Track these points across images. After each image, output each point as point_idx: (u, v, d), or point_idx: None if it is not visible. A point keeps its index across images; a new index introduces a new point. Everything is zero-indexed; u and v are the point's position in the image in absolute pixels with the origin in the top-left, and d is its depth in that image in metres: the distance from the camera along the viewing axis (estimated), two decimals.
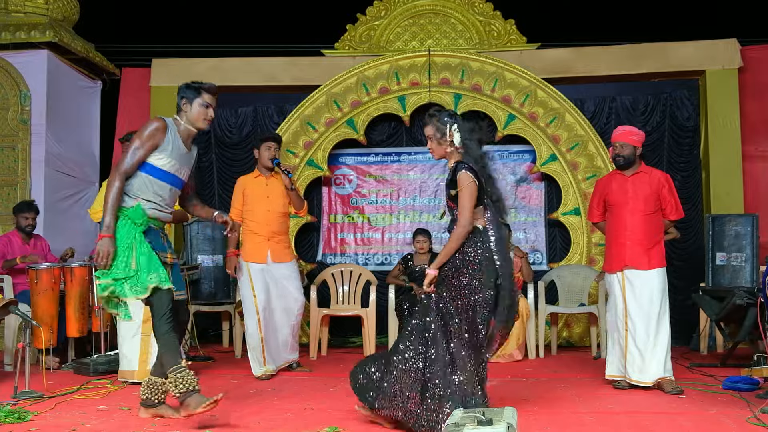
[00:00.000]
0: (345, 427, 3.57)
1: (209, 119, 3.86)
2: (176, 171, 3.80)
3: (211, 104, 3.84)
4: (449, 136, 3.69)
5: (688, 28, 8.03)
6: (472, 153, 3.69)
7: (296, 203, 5.47)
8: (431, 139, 3.76)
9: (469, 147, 3.69)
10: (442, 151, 3.76)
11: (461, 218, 3.58)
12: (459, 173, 3.61)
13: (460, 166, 3.64)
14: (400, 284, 6.65)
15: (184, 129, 3.81)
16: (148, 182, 3.71)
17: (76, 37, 7.56)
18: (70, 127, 7.59)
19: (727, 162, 7.24)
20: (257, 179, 5.44)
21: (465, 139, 3.69)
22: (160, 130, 3.68)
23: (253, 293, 5.27)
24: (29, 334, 4.61)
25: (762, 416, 3.69)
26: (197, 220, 7.05)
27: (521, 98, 7.40)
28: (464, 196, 3.57)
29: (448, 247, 3.60)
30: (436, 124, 3.72)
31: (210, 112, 3.84)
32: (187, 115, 3.81)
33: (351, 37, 7.90)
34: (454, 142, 3.68)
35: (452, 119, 3.72)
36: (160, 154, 3.70)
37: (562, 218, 7.34)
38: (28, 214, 6.20)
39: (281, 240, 5.42)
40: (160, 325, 3.66)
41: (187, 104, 3.80)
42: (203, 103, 3.80)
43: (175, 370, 3.59)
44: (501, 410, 3.13)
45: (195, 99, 3.79)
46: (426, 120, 3.79)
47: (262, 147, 5.41)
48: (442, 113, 3.75)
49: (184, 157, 3.83)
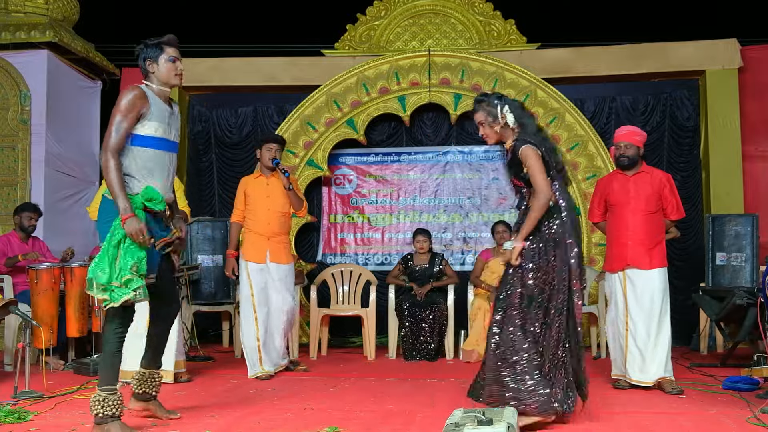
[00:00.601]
0: (345, 427, 3.56)
1: (180, 73, 3.59)
2: (167, 135, 3.55)
3: (177, 57, 3.58)
4: (501, 118, 3.64)
5: (688, 28, 8.03)
6: (528, 129, 3.64)
7: (295, 203, 5.47)
8: (482, 124, 3.70)
9: (525, 124, 3.65)
10: (496, 136, 3.71)
11: (537, 187, 3.52)
12: (520, 150, 3.56)
13: (518, 143, 3.59)
14: (400, 284, 6.65)
15: (159, 91, 3.55)
16: (147, 157, 3.46)
17: (76, 37, 7.56)
18: (70, 127, 7.59)
19: (727, 162, 7.24)
20: (258, 179, 5.47)
21: (518, 117, 3.64)
22: (140, 97, 3.42)
23: (251, 293, 5.28)
24: (29, 334, 4.61)
25: (762, 416, 3.69)
26: (197, 220, 7.06)
27: (521, 98, 7.38)
28: (533, 166, 3.52)
29: (531, 217, 3.54)
30: (486, 109, 3.67)
31: (179, 65, 3.57)
32: (156, 76, 3.55)
33: (351, 37, 7.90)
34: (508, 123, 3.63)
35: (501, 101, 3.66)
36: (147, 121, 3.45)
37: None
38: (32, 215, 6.22)
39: (281, 240, 5.43)
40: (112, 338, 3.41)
41: (152, 64, 3.55)
42: (169, 58, 3.55)
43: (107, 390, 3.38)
44: (501, 410, 3.13)
45: (160, 56, 3.54)
46: (474, 107, 3.74)
47: (264, 148, 5.45)
48: (490, 97, 3.70)
49: (169, 118, 3.57)
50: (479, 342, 6.15)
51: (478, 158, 7.84)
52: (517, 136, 3.64)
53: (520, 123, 3.64)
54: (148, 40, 3.58)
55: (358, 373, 5.53)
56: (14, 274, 6.01)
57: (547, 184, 3.52)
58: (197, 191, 7.96)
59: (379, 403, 4.29)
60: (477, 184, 7.82)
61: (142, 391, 3.75)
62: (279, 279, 5.36)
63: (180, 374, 5.02)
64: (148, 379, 3.75)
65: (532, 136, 3.61)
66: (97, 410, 3.36)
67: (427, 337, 6.24)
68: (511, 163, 3.66)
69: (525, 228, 3.56)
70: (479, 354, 6.12)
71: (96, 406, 3.36)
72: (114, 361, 3.45)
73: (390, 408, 4.10)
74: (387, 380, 5.18)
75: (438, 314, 6.26)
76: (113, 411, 3.36)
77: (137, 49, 3.61)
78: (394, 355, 6.37)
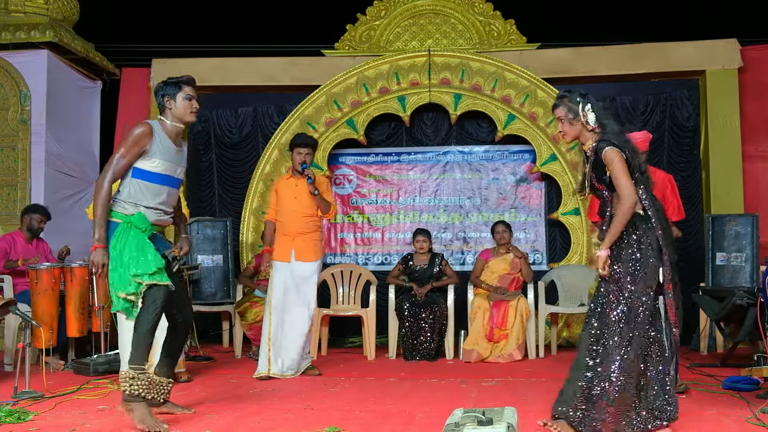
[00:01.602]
0: (345, 427, 3.56)
1: (195, 111, 3.85)
2: (170, 171, 3.78)
3: (194, 96, 3.83)
4: (583, 116, 3.54)
5: (688, 28, 8.04)
6: (610, 130, 3.52)
7: (322, 207, 5.53)
8: (562, 120, 3.61)
9: (606, 125, 3.53)
10: (574, 133, 3.60)
11: (622, 191, 3.36)
12: (604, 152, 3.42)
13: (601, 145, 3.46)
14: (400, 284, 6.65)
15: (172, 127, 3.79)
16: (144, 188, 3.70)
17: (76, 37, 7.56)
18: (70, 127, 7.59)
19: (727, 162, 7.24)
20: (288, 180, 5.54)
21: (600, 117, 3.53)
22: (146, 135, 3.66)
23: (272, 292, 5.36)
24: (29, 334, 4.61)
25: (762, 416, 3.69)
26: (197, 220, 7.06)
27: (521, 98, 7.40)
28: (617, 169, 3.37)
29: (615, 223, 3.39)
30: (568, 105, 3.58)
31: (194, 103, 3.83)
32: (172, 112, 3.80)
33: (351, 37, 7.90)
34: (588, 122, 3.53)
35: (584, 99, 3.57)
36: (150, 158, 3.68)
37: (562, 218, 7.34)
38: (42, 218, 6.22)
39: (307, 239, 5.43)
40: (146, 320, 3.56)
41: (170, 101, 3.79)
42: (186, 96, 3.80)
43: (137, 368, 3.53)
44: (501, 410, 3.13)
45: (177, 94, 3.78)
46: (556, 102, 3.65)
47: (294, 151, 5.49)
48: (573, 93, 3.60)
49: (175, 156, 3.80)
50: (479, 342, 6.15)
51: (478, 158, 7.84)
52: (599, 137, 3.51)
53: (601, 123, 3.53)
54: (168, 79, 3.85)
55: (358, 373, 5.53)
56: (14, 274, 6.01)
57: (631, 188, 3.37)
58: (197, 191, 7.96)
59: (379, 403, 4.29)
60: (477, 184, 7.82)
61: (151, 397, 3.72)
62: (303, 277, 5.37)
63: (180, 374, 5.01)
64: (157, 386, 3.73)
65: (615, 137, 3.47)
66: (125, 387, 3.51)
67: (427, 337, 6.24)
68: (594, 165, 3.51)
69: (609, 235, 3.41)
70: (479, 353, 6.12)
71: (125, 383, 3.52)
72: (145, 342, 3.57)
73: (390, 408, 4.10)
74: (387, 380, 5.18)
75: (438, 314, 6.26)
76: (140, 391, 3.50)
77: (156, 86, 3.88)
78: (394, 355, 6.37)
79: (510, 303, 6.22)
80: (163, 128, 3.76)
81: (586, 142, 3.58)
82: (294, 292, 5.35)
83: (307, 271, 5.39)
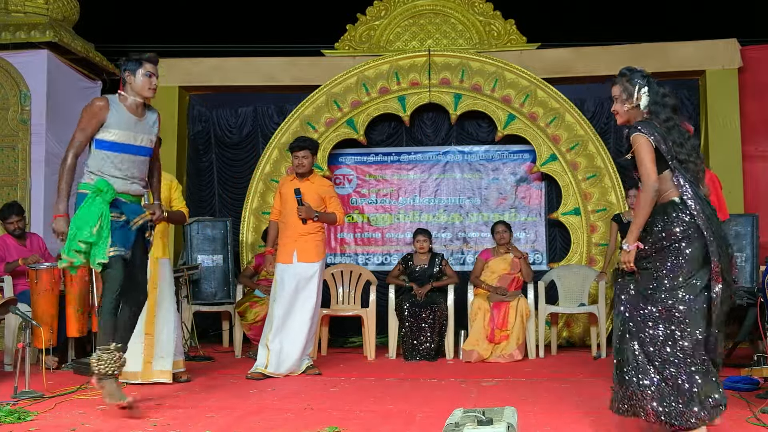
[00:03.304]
0: (345, 427, 3.56)
1: (153, 87, 4.01)
2: (129, 140, 3.95)
3: (154, 73, 3.99)
4: (636, 98, 3.32)
5: (688, 28, 8.03)
6: (656, 119, 3.30)
7: (329, 223, 5.60)
8: (617, 99, 3.39)
9: (656, 113, 3.30)
10: (625, 114, 3.38)
11: (643, 178, 3.18)
12: (631, 137, 3.24)
13: (631, 130, 3.27)
14: (400, 284, 6.65)
15: (131, 101, 3.97)
16: (105, 157, 3.91)
17: (76, 37, 7.56)
18: (70, 127, 7.43)
19: (727, 162, 7.24)
20: (291, 182, 5.54)
21: (652, 103, 3.31)
22: (102, 108, 3.89)
23: (274, 297, 5.36)
24: (29, 334, 4.60)
25: (762, 416, 3.69)
26: (197, 220, 7.06)
27: (521, 98, 7.40)
28: (639, 153, 3.19)
29: (637, 215, 3.20)
30: (624, 84, 3.36)
31: (153, 80, 3.99)
32: (132, 87, 3.97)
33: (351, 37, 7.90)
34: (640, 105, 3.32)
35: (644, 80, 3.35)
36: (107, 129, 3.89)
37: (562, 218, 7.34)
38: (11, 219, 6.13)
39: (309, 239, 5.43)
40: (107, 301, 3.81)
41: (130, 76, 3.97)
42: (146, 73, 3.96)
43: (103, 349, 3.78)
44: (501, 410, 3.13)
45: (137, 70, 3.96)
46: (615, 78, 3.41)
47: (293, 155, 5.51)
48: (634, 72, 3.37)
49: (137, 125, 3.98)
50: (479, 342, 6.15)
51: (478, 158, 7.84)
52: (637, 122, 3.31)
53: (652, 110, 3.31)
54: (131, 54, 4.04)
55: (358, 373, 5.53)
56: (14, 274, 6.00)
57: (653, 176, 3.15)
58: (197, 191, 7.96)
59: (379, 403, 4.29)
60: (477, 184, 7.82)
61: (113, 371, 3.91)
62: (306, 278, 5.37)
63: (180, 374, 5.02)
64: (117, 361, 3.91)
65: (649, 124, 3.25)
66: (94, 367, 3.79)
67: (427, 337, 6.24)
68: (627, 150, 3.31)
69: (633, 227, 3.21)
70: (479, 354, 6.12)
71: (94, 364, 3.79)
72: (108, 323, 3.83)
73: (390, 408, 4.10)
74: (387, 380, 5.18)
75: (438, 314, 6.26)
76: (107, 369, 3.76)
77: (120, 60, 4.09)
78: (394, 355, 6.37)
79: (510, 303, 6.22)
80: (121, 100, 3.97)
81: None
82: (297, 293, 5.34)
83: (309, 272, 5.38)
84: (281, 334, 5.27)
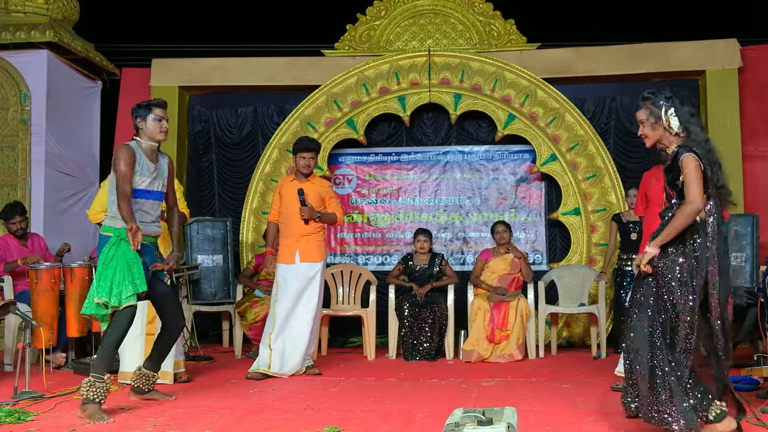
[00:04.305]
0: (345, 427, 3.56)
1: (164, 130, 4.23)
2: (150, 186, 4.18)
3: (163, 117, 4.21)
4: (665, 120, 3.42)
5: (688, 28, 8.03)
6: (695, 137, 3.39)
7: (330, 223, 5.61)
8: (644, 124, 3.49)
9: (692, 131, 3.40)
10: (656, 137, 3.47)
11: (689, 197, 3.26)
12: (682, 157, 3.31)
13: (681, 150, 3.34)
14: (400, 284, 6.65)
15: (146, 146, 4.19)
16: (134, 203, 4.07)
17: (76, 37, 7.56)
18: (70, 127, 7.59)
19: (727, 162, 7.02)
20: (292, 183, 5.52)
21: (685, 122, 3.41)
22: (132, 155, 4.07)
23: (277, 293, 5.35)
24: (29, 334, 4.61)
25: (762, 416, 3.69)
26: (197, 220, 7.06)
27: (521, 98, 7.40)
28: (690, 174, 3.27)
29: (673, 223, 3.29)
30: (650, 108, 3.46)
31: (164, 123, 4.21)
32: (144, 132, 4.19)
33: (351, 37, 7.90)
34: (672, 126, 3.41)
35: (668, 102, 3.45)
36: (136, 175, 4.09)
37: (562, 218, 7.34)
38: (14, 220, 6.16)
39: (311, 239, 5.43)
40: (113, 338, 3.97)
41: (142, 122, 4.18)
42: (156, 118, 4.17)
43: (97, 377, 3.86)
44: (501, 410, 3.13)
45: (148, 116, 4.17)
46: (639, 103, 3.52)
47: (297, 156, 5.48)
48: (657, 96, 3.48)
49: (154, 171, 4.20)
50: (479, 343, 6.15)
51: (478, 158, 7.84)
52: (682, 142, 3.40)
53: (686, 128, 3.41)
54: (141, 102, 4.25)
55: (358, 373, 5.53)
56: (14, 274, 6.00)
57: (700, 196, 3.27)
58: (197, 191, 7.96)
59: (379, 403, 4.29)
60: (477, 184, 7.82)
61: (137, 386, 4.31)
62: (308, 278, 5.37)
63: (180, 374, 5.02)
64: (143, 378, 4.31)
65: (698, 145, 3.35)
66: (84, 391, 3.85)
67: (427, 337, 6.24)
68: (669, 168, 3.40)
69: (664, 234, 3.31)
70: (479, 354, 6.12)
71: (84, 387, 3.86)
72: (109, 355, 4.00)
73: (390, 408, 4.10)
74: (387, 380, 5.18)
75: (438, 314, 6.26)
76: (95, 396, 3.83)
77: (131, 109, 4.26)
78: (394, 355, 6.37)
79: (510, 303, 6.22)
80: (140, 147, 4.16)
81: (670, 146, 3.47)
82: (299, 294, 5.34)
83: (312, 272, 5.38)
84: (283, 334, 5.27)
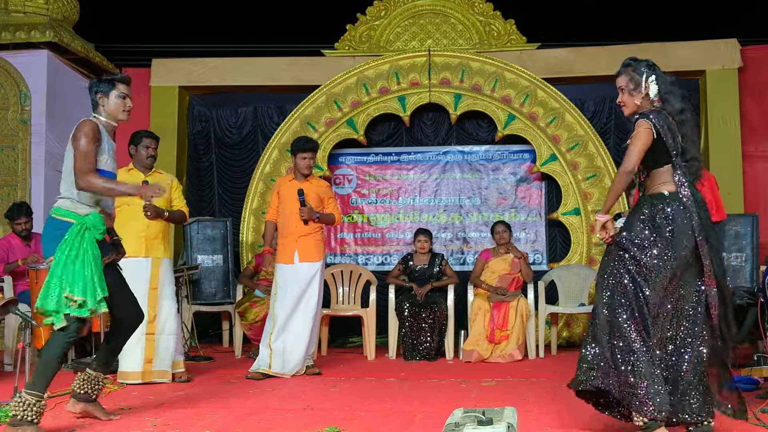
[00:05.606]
0: (345, 427, 3.56)
1: (128, 110, 3.73)
2: (113, 167, 3.71)
3: (127, 94, 3.70)
4: (645, 87, 3.31)
5: (688, 28, 8.03)
6: (670, 108, 3.27)
7: (328, 223, 5.61)
8: (623, 90, 3.37)
9: (668, 101, 3.29)
10: (634, 105, 3.34)
11: (626, 157, 3.18)
12: (637, 121, 3.22)
13: (639, 116, 3.24)
14: (400, 284, 6.65)
15: (105, 124, 3.69)
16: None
17: (76, 37, 7.56)
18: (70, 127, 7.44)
19: (727, 162, 7.24)
20: (291, 183, 5.52)
21: (664, 91, 3.29)
22: (97, 131, 3.57)
23: (276, 294, 5.34)
24: (29, 334, 4.60)
25: (762, 416, 3.69)
26: (197, 220, 7.06)
27: (521, 98, 7.40)
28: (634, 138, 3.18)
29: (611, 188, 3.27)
30: (631, 74, 3.36)
31: (128, 102, 3.71)
32: (105, 109, 3.69)
33: (351, 37, 7.90)
34: (649, 94, 3.30)
35: (650, 69, 3.34)
36: (101, 155, 3.60)
37: (562, 218, 7.34)
38: (20, 220, 6.16)
39: (309, 239, 5.42)
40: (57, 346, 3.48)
41: (103, 98, 3.67)
42: (120, 94, 3.67)
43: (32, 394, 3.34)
44: (501, 410, 3.12)
45: (111, 91, 3.67)
46: (619, 70, 3.41)
47: (297, 156, 5.47)
48: (639, 62, 3.38)
49: (115, 151, 3.73)
50: (480, 343, 6.15)
51: (478, 158, 7.84)
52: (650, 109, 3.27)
53: (663, 98, 3.29)
54: (103, 75, 3.73)
55: (358, 373, 5.53)
56: (15, 274, 6.01)
57: (634, 159, 3.16)
58: (197, 191, 7.96)
59: (379, 403, 4.29)
60: (477, 184, 7.82)
61: (84, 392, 3.73)
62: (308, 278, 5.37)
63: (180, 374, 5.02)
64: (92, 381, 3.75)
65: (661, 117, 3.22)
66: (17, 411, 3.30)
67: (427, 337, 6.24)
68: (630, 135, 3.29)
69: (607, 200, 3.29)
70: (479, 354, 6.12)
71: (17, 407, 3.30)
72: (52, 369, 3.46)
73: (390, 408, 4.10)
74: (387, 380, 5.18)
75: (438, 314, 6.26)
76: (32, 417, 3.30)
77: (90, 82, 3.75)
78: (394, 355, 6.37)
79: (510, 303, 6.22)
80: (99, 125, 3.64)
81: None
82: (299, 294, 5.33)
83: (311, 271, 5.38)
84: (284, 334, 5.27)
